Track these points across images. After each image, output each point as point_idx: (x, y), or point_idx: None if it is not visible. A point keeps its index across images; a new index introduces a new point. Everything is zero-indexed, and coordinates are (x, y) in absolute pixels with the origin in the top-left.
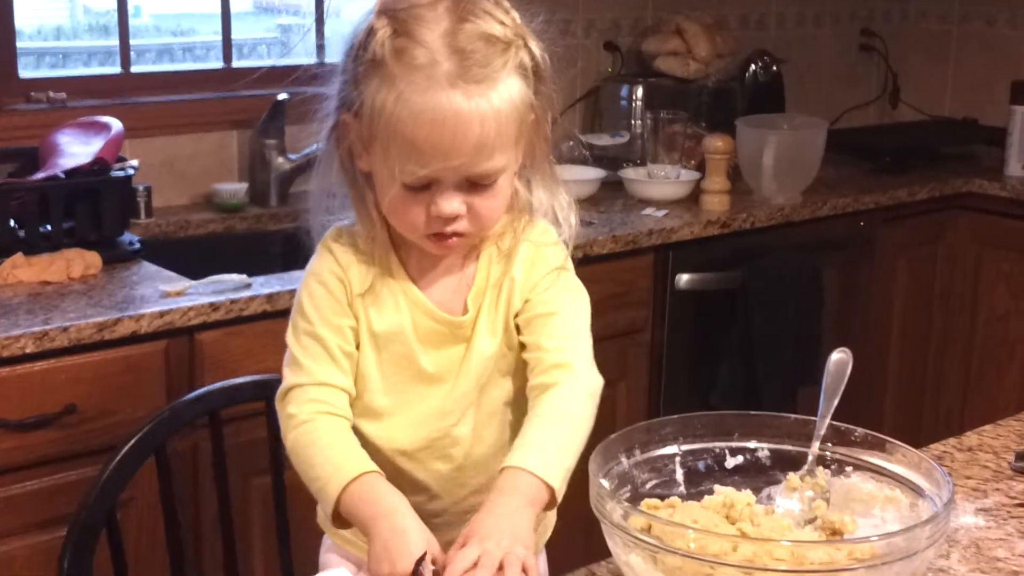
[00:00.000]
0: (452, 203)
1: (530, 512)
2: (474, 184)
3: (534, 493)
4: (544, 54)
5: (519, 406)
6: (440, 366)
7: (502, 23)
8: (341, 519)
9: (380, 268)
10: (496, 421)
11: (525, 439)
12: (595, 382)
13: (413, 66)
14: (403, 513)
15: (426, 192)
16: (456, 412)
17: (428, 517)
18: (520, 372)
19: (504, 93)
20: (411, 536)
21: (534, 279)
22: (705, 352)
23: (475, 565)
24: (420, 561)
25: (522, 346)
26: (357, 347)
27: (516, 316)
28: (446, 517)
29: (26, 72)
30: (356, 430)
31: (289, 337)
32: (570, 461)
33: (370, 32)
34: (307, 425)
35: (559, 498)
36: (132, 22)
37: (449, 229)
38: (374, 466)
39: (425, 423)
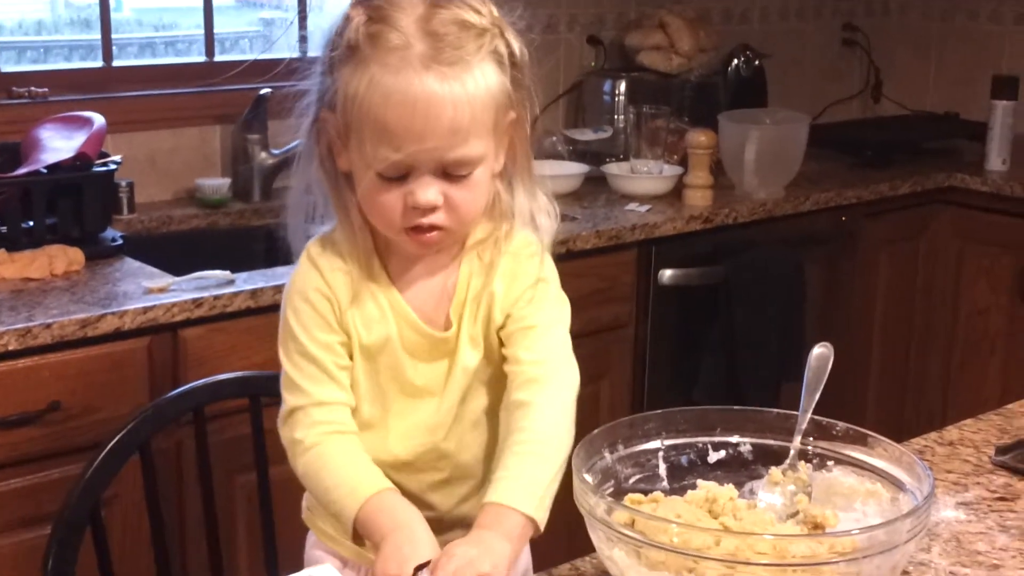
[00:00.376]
0: (428, 192)
1: (510, 548)
2: (450, 175)
3: (518, 530)
4: (522, 47)
5: (497, 414)
6: (427, 379)
7: (478, 12)
8: (359, 536)
9: (363, 275)
10: (479, 430)
11: (507, 471)
12: (571, 393)
13: (386, 48)
14: (419, 527)
15: (402, 183)
16: (444, 426)
17: None
18: (499, 381)
19: (479, 79)
20: (424, 547)
21: (514, 293)
22: (688, 347)
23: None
24: (421, 567)
25: (503, 358)
26: (351, 357)
27: (499, 330)
28: (437, 526)
29: (7, 66)
30: None
31: (282, 357)
32: (553, 488)
33: (346, 20)
34: (315, 449)
35: (542, 528)
36: (114, 16)
37: (426, 221)
38: (387, 482)
39: (415, 436)
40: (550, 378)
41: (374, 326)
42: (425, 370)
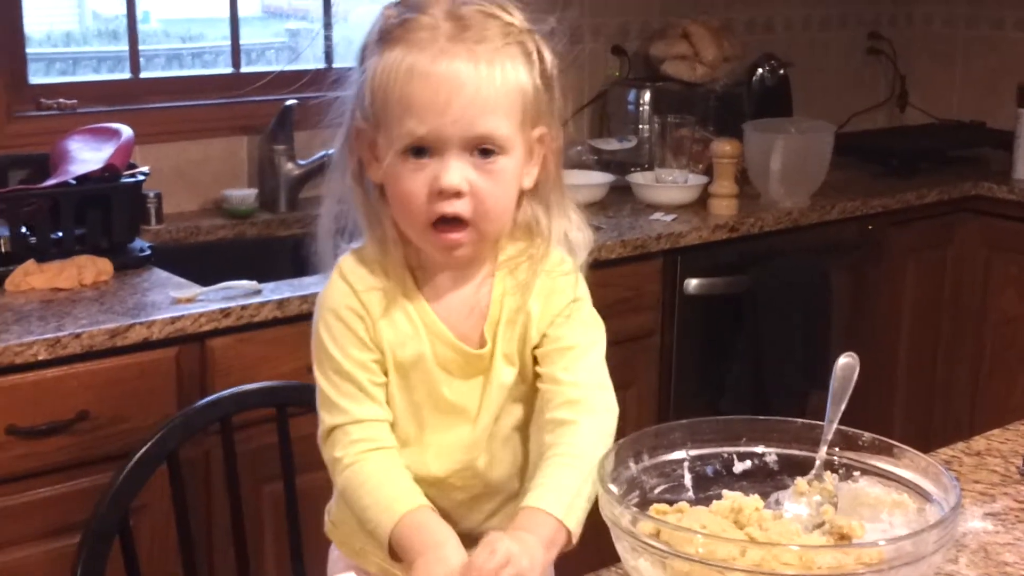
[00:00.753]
0: (453, 174)
1: (546, 554)
2: (476, 156)
3: (552, 535)
4: (553, 59)
5: (527, 431)
6: (461, 396)
7: (508, 12)
8: (396, 553)
9: (396, 291)
10: (509, 447)
11: (544, 479)
12: (612, 419)
13: (415, 29)
14: (451, 546)
15: (427, 165)
16: (480, 444)
17: None
18: (530, 399)
19: (507, 65)
20: (455, 567)
21: (551, 313)
22: (714, 356)
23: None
24: None
25: (537, 377)
26: (385, 373)
27: (534, 349)
28: (463, 541)
29: (36, 78)
30: None
31: (317, 375)
32: (587, 505)
33: (380, 17)
34: (354, 467)
35: (575, 540)
36: (141, 27)
37: (451, 210)
38: (423, 500)
39: (451, 454)
40: (592, 401)
41: (407, 342)
42: (460, 387)
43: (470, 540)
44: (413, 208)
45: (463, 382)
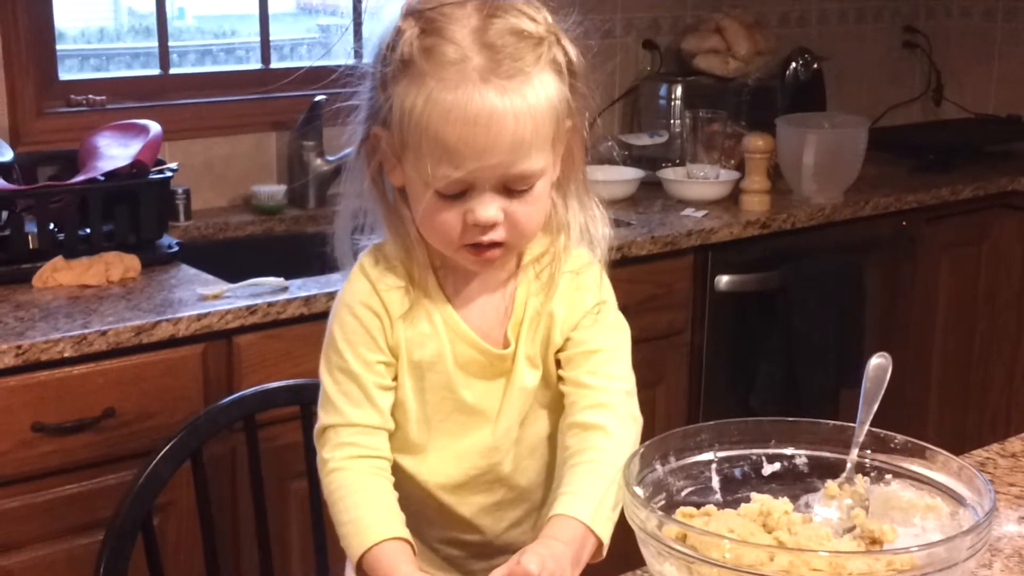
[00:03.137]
0: (489, 209)
1: (575, 561)
2: (511, 190)
3: (584, 544)
4: (579, 54)
5: (555, 437)
6: (481, 398)
7: (533, 20)
8: (364, 573)
9: (418, 291)
10: (537, 455)
11: (572, 486)
12: (637, 428)
13: (443, 63)
14: None
15: (461, 200)
16: (502, 449)
17: (467, 549)
18: (557, 404)
19: (539, 89)
20: None
21: (575, 316)
22: (745, 354)
23: None
24: None
25: (561, 380)
26: (395, 378)
27: (557, 352)
28: (484, 550)
29: (70, 75)
30: (396, 467)
31: (322, 371)
32: (615, 512)
33: (397, 33)
34: (338, 474)
35: (604, 552)
36: (176, 24)
37: (487, 239)
38: (397, 530)
39: (468, 458)
40: (618, 406)
41: (426, 342)
42: (480, 388)
43: (491, 550)
44: (447, 237)
45: (484, 383)
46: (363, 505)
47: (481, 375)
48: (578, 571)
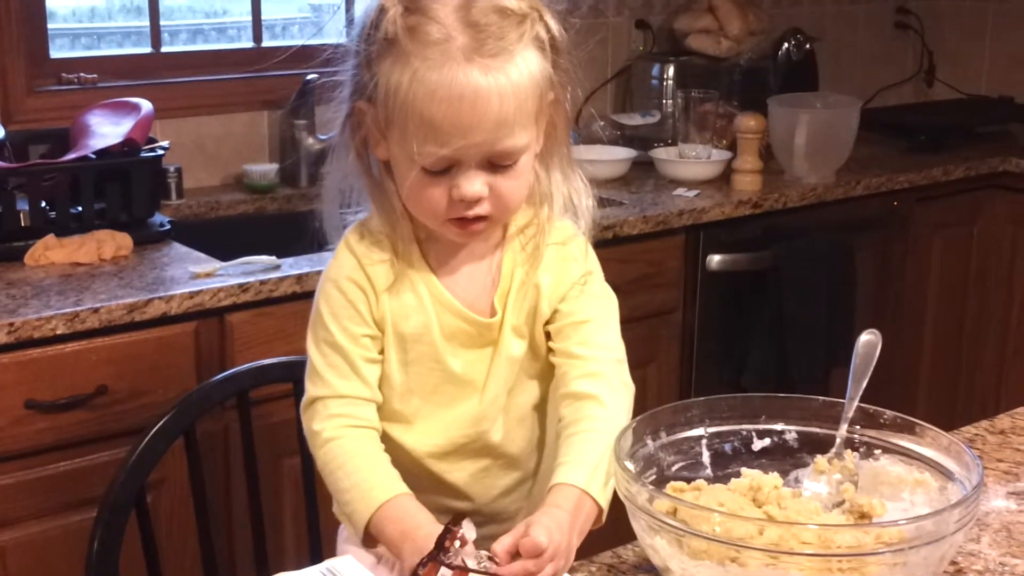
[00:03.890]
0: (474, 185)
1: (578, 527)
2: (495, 165)
3: (584, 510)
4: (561, 28)
5: (545, 407)
6: (469, 368)
7: None
8: (370, 538)
9: (403, 263)
10: (526, 423)
11: (568, 456)
12: (629, 395)
13: (427, 42)
14: (431, 531)
15: (446, 175)
16: (490, 417)
17: None
18: (547, 375)
19: (522, 67)
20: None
21: (562, 288)
22: (736, 333)
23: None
24: (458, 520)
25: (551, 352)
26: (382, 351)
27: (546, 324)
28: (475, 517)
29: (60, 53)
30: (385, 435)
31: (309, 345)
32: (612, 478)
33: (381, 11)
34: (332, 444)
35: (604, 518)
36: (166, 3)
37: (472, 213)
38: (403, 487)
39: (457, 427)
40: (610, 375)
41: (412, 314)
42: (467, 357)
43: (480, 517)
44: (432, 211)
45: (471, 352)
46: (364, 469)
47: (468, 344)
48: (580, 538)
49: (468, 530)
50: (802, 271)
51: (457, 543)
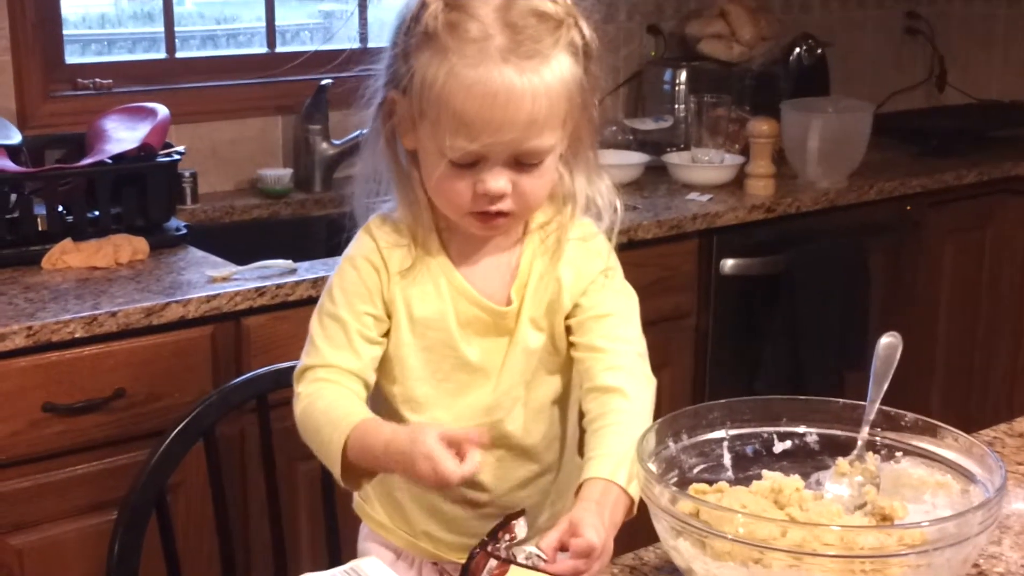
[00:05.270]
0: (499, 181)
1: (613, 526)
2: (521, 163)
3: (617, 502)
4: (594, 36)
5: (567, 402)
6: (484, 357)
7: (554, 1)
8: (353, 478)
9: (422, 251)
10: (544, 417)
11: (600, 449)
12: (652, 389)
13: (466, 39)
14: (405, 428)
15: (473, 169)
16: (504, 407)
17: (472, 507)
18: (567, 370)
19: (556, 70)
20: (423, 432)
21: (583, 282)
22: (750, 337)
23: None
24: (514, 518)
25: (573, 346)
26: (386, 335)
27: (567, 319)
28: (490, 509)
29: (73, 59)
30: (400, 420)
31: (312, 320)
32: None
33: (422, 6)
34: (309, 398)
35: (635, 509)
36: (176, 9)
37: (494, 208)
38: (373, 415)
39: (471, 416)
40: (634, 368)
41: (429, 300)
42: (483, 346)
43: (497, 508)
44: (455, 203)
45: (487, 341)
46: (334, 408)
47: (484, 333)
48: (615, 531)
49: (520, 527)
50: (815, 275)
51: (508, 537)
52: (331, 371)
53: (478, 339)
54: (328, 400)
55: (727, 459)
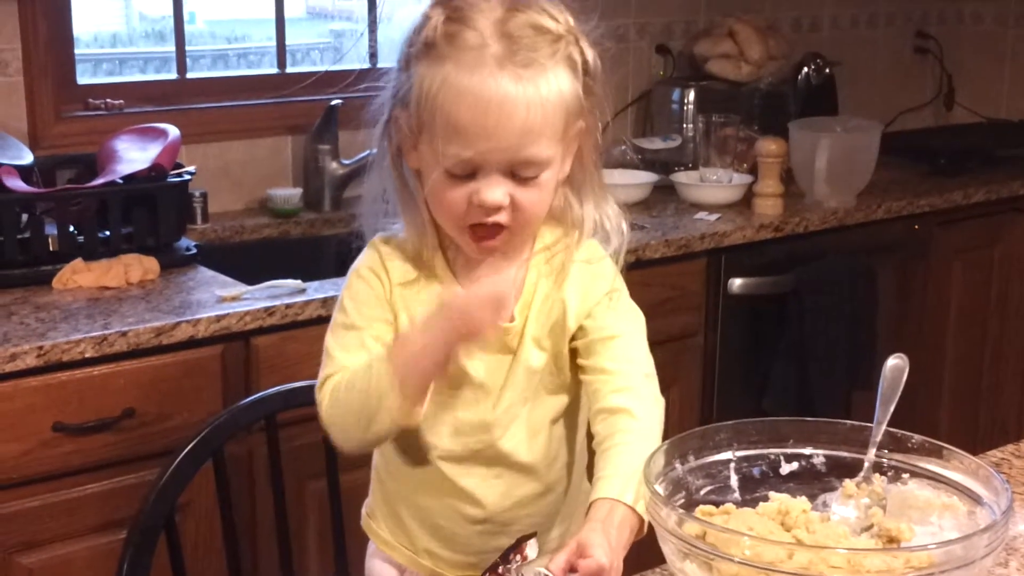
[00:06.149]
0: (495, 192)
1: (623, 547)
2: (518, 176)
3: (625, 523)
4: (596, 57)
5: (568, 423)
6: (486, 373)
7: (554, 18)
8: (410, 396)
9: (426, 270)
10: (543, 437)
11: (608, 470)
12: (661, 409)
13: (463, 47)
14: (424, 313)
15: (470, 181)
16: (502, 425)
17: (471, 524)
18: (569, 391)
19: (552, 83)
20: (445, 295)
21: (588, 304)
22: (758, 357)
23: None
24: (525, 539)
25: (581, 369)
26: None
27: (572, 340)
28: (488, 526)
29: (83, 79)
30: (401, 433)
31: (327, 336)
32: None
33: (425, 19)
34: (333, 391)
35: (645, 529)
36: (187, 28)
37: (490, 220)
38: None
39: (470, 432)
40: (641, 389)
41: None
42: (485, 363)
43: (492, 526)
44: (452, 215)
45: (489, 357)
46: (357, 370)
47: (486, 348)
48: (624, 551)
49: (532, 549)
50: (823, 295)
51: (519, 558)
52: (348, 372)
53: (480, 354)
54: (350, 372)
55: (734, 480)
